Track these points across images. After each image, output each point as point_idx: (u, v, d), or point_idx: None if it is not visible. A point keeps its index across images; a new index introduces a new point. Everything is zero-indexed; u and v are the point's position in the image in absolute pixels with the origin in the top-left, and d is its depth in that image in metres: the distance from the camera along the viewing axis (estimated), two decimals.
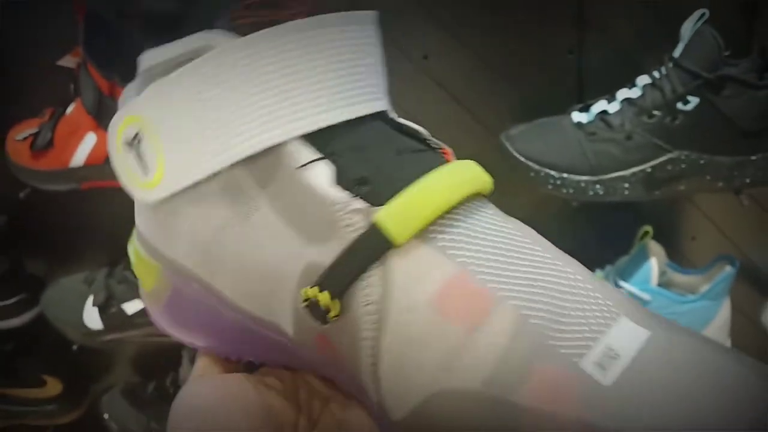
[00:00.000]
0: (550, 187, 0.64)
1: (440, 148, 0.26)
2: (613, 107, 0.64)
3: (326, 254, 0.23)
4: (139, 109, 0.25)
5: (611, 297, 0.22)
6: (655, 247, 0.74)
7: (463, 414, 0.20)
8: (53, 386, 0.92)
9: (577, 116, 0.65)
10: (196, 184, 0.25)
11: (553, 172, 0.64)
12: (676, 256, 0.77)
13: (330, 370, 0.26)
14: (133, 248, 0.30)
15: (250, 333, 0.27)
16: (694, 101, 0.60)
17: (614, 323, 0.21)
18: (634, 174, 0.62)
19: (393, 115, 0.26)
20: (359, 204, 0.23)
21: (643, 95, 0.62)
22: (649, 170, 0.62)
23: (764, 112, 0.60)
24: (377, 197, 0.23)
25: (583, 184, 0.63)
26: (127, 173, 0.27)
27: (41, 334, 0.90)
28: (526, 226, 0.25)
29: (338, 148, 0.24)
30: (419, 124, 0.26)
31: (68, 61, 0.73)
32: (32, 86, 0.76)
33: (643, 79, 0.63)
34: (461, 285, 0.22)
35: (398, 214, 0.22)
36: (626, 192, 0.63)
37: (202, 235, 0.26)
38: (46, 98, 0.74)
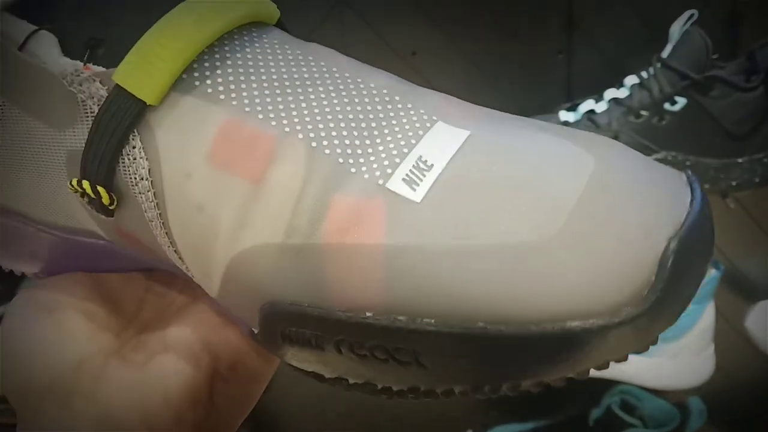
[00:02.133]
0: None
1: None
2: (600, 107, 0.63)
3: (79, 137, 0.19)
4: None
5: (426, 104, 0.20)
6: None
7: (268, 272, 0.18)
8: None
9: (565, 115, 0.65)
10: None
11: None
12: None
13: (155, 263, 0.23)
14: None
15: (76, 246, 0.24)
16: (681, 102, 0.60)
17: (427, 131, 0.19)
18: None
19: None
20: (94, 70, 0.19)
21: (630, 95, 0.62)
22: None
23: (751, 115, 0.60)
24: (114, 58, 0.19)
25: None
26: None
27: None
28: (327, 48, 0.21)
29: (59, 11, 0.21)
30: None
31: None
32: None
33: (631, 79, 0.63)
34: (235, 132, 0.18)
35: (140, 67, 0.18)
36: None
37: None
38: None
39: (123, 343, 0.24)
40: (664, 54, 0.61)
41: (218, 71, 0.19)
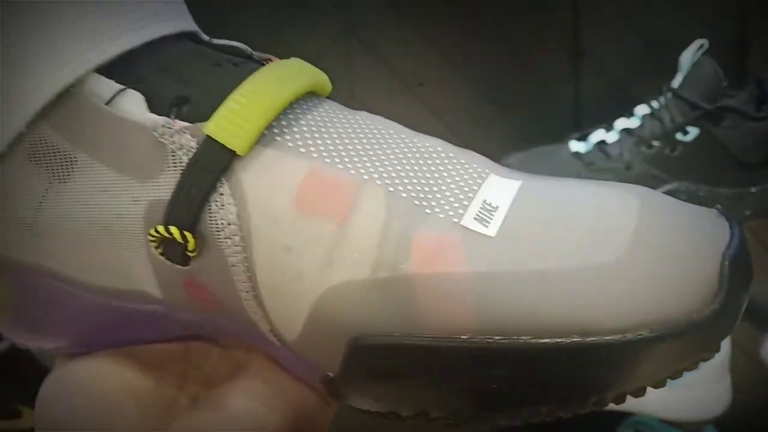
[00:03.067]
0: None
1: (267, 59, 0.23)
2: (611, 137, 0.63)
3: (164, 187, 0.20)
4: None
5: (476, 160, 0.22)
6: None
7: (357, 306, 0.19)
8: (28, 417, 0.89)
9: (575, 146, 0.65)
10: (4, 159, 0.21)
11: None
12: None
13: (214, 323, 0.24)
14: None
15: (116, 314, 0.24)
16: (693, 132, 0.59)
17: (485, 181, 0.21)
18: None
19: (206, 37, 0.24)
20: (183, 124, 0.20)
21: (642, 125, 0.62)
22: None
23: (763, 144, 0.59)
24: (201, 114, 0.20)
25: None
26: None
27: (17, 363, 0.87)
28: (377, 116, 0.23)
29: (144, 72, 0.21)
30: None
31: None
32: None
33: (641, 109, 0.63)
34: (318, 179, 0.20)
35: (231, 121, 0.20)
36: None
37: (23, 214, 0.22)
38: None
39: (171, 420, 0.24)
40: (675, 84, 0.61)
41: (294, 128, 0.21)
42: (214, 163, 0.20)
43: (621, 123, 0.63)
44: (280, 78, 0.21)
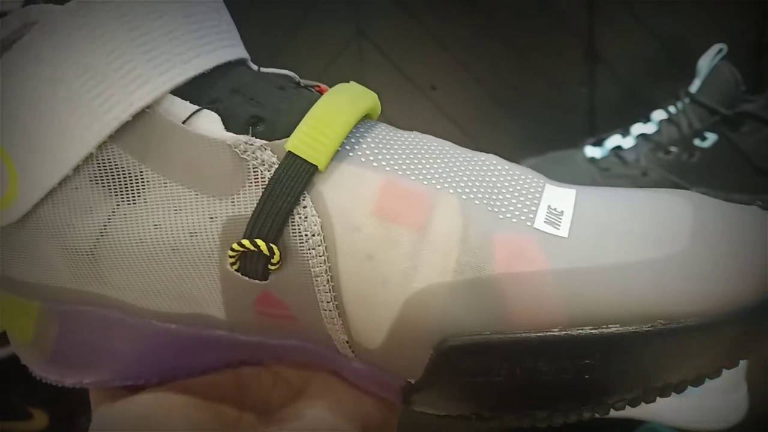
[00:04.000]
0: None
1: (314, 86, 0.25)
2: (627, 142, 0.63)
3: (244, 202, 0.21)
4: None
5: (529, 173, 0.23)
6: None
7: (443, 308, 0.20)
8: (40, 419, 0.89)
9: (591, 151, 0.64)
10: (62, 185, 0.22)
11: None
12: None
13: (277, 343, 0.24)
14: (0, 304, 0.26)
15: (170, 340, 0.24)
16: (711, 138, 0.59)
17: (543, 189, 0.23)
18: None
19: (253, 65, 0.25)
20: (262, 141, 0.21)
21: (659, 131, 0.61)
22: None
23: None
24: (274, 133, 0.22)
25: None
26: None
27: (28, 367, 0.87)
28: (426, 134, 0.25)
29: (217, 94, 0.22)
30: None
31: None
32: None
33: (658, 114, 0.62)
34: (395, 189, 0.21)
35: (311, 139, 0.21)
36: None
37: (83, 240, 0.23)
38: None
39: None
40: (693, 89, 0.60)
41: (363, 145, 0.22)
42: (298, 177, 0.21)
43: (637, 128, 0.63)
44: (350, 99, 0.23)
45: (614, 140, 0.63)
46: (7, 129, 0.22)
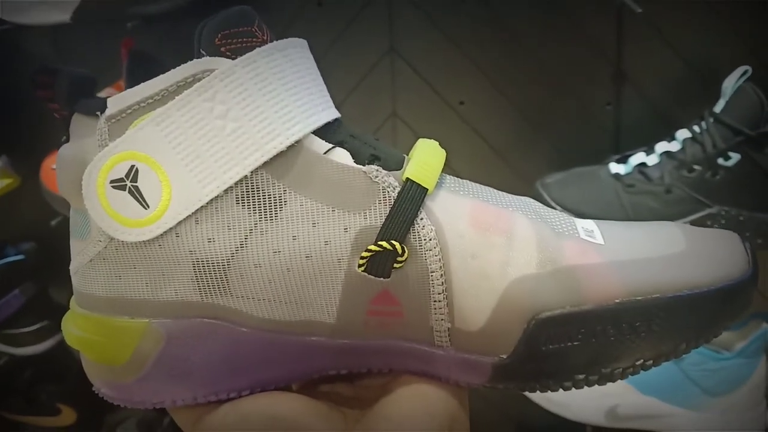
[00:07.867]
0: None
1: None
2: (651, 160, 0.64)
3: (376, 215, 0.27)
4: (130, 145, 0.26)
5: (557, 209, 0.32)
6: None
7: (532, 292, 0.27)
8: (68, 415, 0.91)
9: (615, 167, 0.65)
10: (208, 204, 0.26)
11: None
12: None
13: (374, 342, 0.28)
14: (92, 327, 0.28)
15: (271, 348, 0.28)
16: (735, 157, 0.60)
17: (571, 217, 0.30)
18: None
19: None
20: (385, 171, 0.28)
21: (683, 149, 0.62)
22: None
23: None
24: (388, 167, 0.28)
25: None
26: (113, 215, 0.27)
27: (59, 363, 0.89)
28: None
29: (342, 137, 0.29)
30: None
31: (109, 93, 0.74)
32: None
33: (682, 133, 0.63)
34: (482, 210, 0.29)
35: (421, 171, 0.28)
36: None
37: (221, 254, 0.27)
38: None
39: None
40: (717, 109, 0.62)
41: (448, 180, 0.30)
42: (416, 196, 0.27)
43: (662, 146, 0.64)
44: (437, 148, 0.30)
45: (639, 157, 0.65)
46: (170, 151, 0.26)
